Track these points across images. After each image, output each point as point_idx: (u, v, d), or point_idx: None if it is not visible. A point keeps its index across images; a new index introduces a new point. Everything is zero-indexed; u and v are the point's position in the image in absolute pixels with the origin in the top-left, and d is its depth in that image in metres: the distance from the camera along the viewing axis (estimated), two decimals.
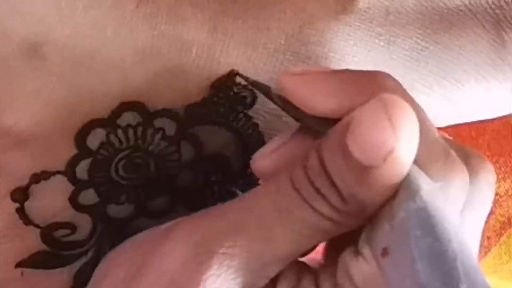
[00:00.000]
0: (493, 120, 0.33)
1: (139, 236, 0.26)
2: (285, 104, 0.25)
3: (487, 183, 0.24)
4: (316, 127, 0.24)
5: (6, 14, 0.23)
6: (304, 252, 0.24)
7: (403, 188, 0.21)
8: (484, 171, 0.24)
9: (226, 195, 0.29)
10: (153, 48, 0.25)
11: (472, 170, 0.24)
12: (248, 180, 0.29)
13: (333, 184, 0.22)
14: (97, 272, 0.26)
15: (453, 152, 0.23)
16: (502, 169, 0.41)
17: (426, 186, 0.21)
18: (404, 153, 0.21)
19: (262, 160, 0.25)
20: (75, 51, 0.25)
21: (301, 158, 0.23)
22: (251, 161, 0.26)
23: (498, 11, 0.29)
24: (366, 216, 0.22)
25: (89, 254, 0.28)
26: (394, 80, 0.23)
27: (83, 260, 0.28)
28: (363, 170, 0.21)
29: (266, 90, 0.26)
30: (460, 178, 0.23)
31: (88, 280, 0.28)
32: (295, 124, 0.28)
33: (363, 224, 0.23)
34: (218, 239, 0.22)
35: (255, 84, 0.27)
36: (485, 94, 0.30)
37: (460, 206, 0.23)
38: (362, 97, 0.22)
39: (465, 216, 0.24)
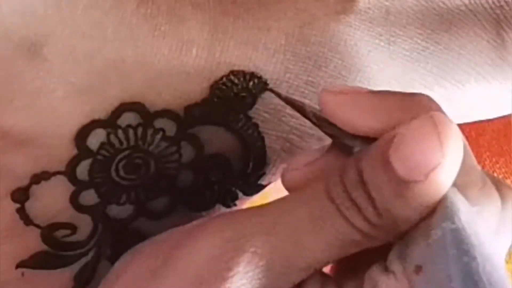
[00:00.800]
0: (493, 120, 0.33)
1: (163, 234, 0.26)
2: (321, 121, 0.25)
3: None
4: (354, 145, 0.24)
5: (7, 15, 0.23)
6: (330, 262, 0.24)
7: (442, 208, 0.21)
8: None
9: (226, 195, 0.29)
10: (153, 48, 0.25)
11: (504, 198, 0.24)
12: (248, 181, 0.29)
13: (369, 196, 0.22)
14: (117, 264, 0.26)
15: (489, 180, 0.24)
16: (503, 169, 0.41)
17: (464, 208, 0.21)
18: (446, 171, 0.21)
19: (295, 173, 0.25)
20: (76, 52, 0.25)
21: (338, 169, 0.23)
22: (282, 172, 0.26)
23: (498, 11, 0.29)
24: (397, 232, 0.22)
25: (90, 255, 0.28)
26: (436, 103, 0.24)
27: (83, 260, 0.28)
28: (403, 185, 0.21)
29: (300, 107, 0.26)
30: (494, 204, 0.23)
31: (89, 280, 0.28)
32: (294, 124, 0.28)
33: (389, 242, 0.23)
34: (250, 237, 0.22)
35: (289, 101, 0.26)
36: (485, 94, 0.30)
37: (493, 230, 0.24)
38: (406, 116, 0.22)
39: (496, 239, 0.24)
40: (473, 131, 0.40)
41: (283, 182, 0.26)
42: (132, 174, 0.27)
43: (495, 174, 0.41)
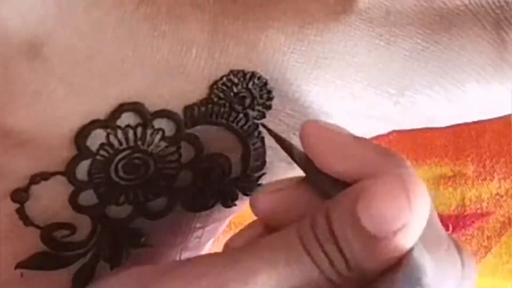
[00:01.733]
0: (493, 120, 0.33)
1: (129, 272, 0.25)
2: (304, 162, 0.25)
3: (472, 279, 0.25)
4: (330, 190, 0.24)
5: (7, 15, 0.23)
6: None
7: (408, 269, 0.22)
8: (472, 266, 0.25)
9: (226, 196, 0.29)
10: (153, 48, 0.25)
11: (463, 263, 0.24)
12: (248, 181, 0.29)
13: (340, 251, 0.22)
14: None
15: (452, 243, 0.24)
16: (503, 169, 0.41)
17: (430, 271, 0.22)
18: (415, 229, 0.22)
19: (262, 197, 0.26)
20: (75, 52, 0.25)
21: (309, 216, 0.23)
22: (250, 197, 0.26)
23: (498, 11, 0.29)
24: (365, 282, 0.23)
25: (89, 255, 0.28)
26: (408, 163, 0.24)
27: (82, 261, 0.28)
28: (372, 241, 0.22)
29: (288, 147, 0.26)
30: (456, 268, 0.24)
31: (87, 281, 0.28)
32: (294, 124, 0.28)
33: None
34: (229, 286, 0.22)
35: (278, 139, 0.27)
36: (485, 94, 0.30)
37: None
38: (380, 169, 0.23)
39: None
40: (473, 131, 0.40)
41: (251, 205, 0.26)
42: (132, 174, 0.27)
43: (495, 175, 0.41)
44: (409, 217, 0.21)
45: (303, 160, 0.25)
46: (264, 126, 0.28)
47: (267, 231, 0.26)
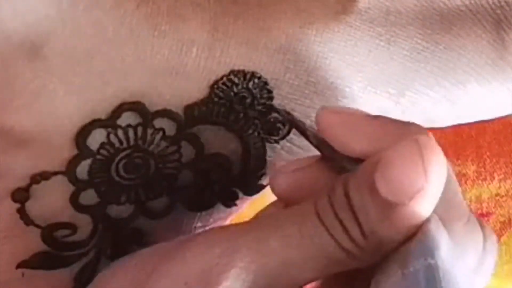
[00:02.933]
0: (493, 120, 0.33)
1: (148, 248, 0.26)
2: (320, 143, 0.25)
3: (494, 254, 0.25)
4: (351, 169, 0.24)
5: (7, 14, 0.23)
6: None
7: (423, 239, 0.22)
8: (493, 242, 0.25)
9: (226, 195, 0.29)
10: (153, 48, 0.25)
11: (486, 239, 0.24)
12: (248, 180, 0.29)
13: (356, 218, 0.22)
14: (99, 276, 0.26)
15: (473, 216, 0.24)
16: (503, 169, 0.41)
17: (445, 245, 0.22)
18: (430, 195, 0.22)
19: (282, 177, 0.26)
20: (76, 52, 0.25)
21: (327, 188, 0.23)
22: (269, 175, 0.26)
23: (498, 11, 0.29)
24: (383, 253, 0.22)
25: (90, 255, 0.28)
26: (425, 129, 0.24)
27: (84, 260, 0.28)
28: (388, 207, 0.21)
29: (301, 127, 0.27)
30: (476, 243, 0.24)
31: (89, 281, 0.28)
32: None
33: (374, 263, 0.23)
34: (240, 253, 0.23)
35: (291, 120, 0.27)
36: (485, 94, 0.30)
37: (471, 270, 0.24)
38: (398, 138, 0.23)
39: (473, 280, 0.24)
40: (473, 132, 0.40)
41: (271, 184, 0.26)
42: (132, 174, 0.27)
43: (496, 175, 0.41)
44: (424, 182, 0.21)
45: (319, 142, 0.25)
46: (275, 108, 0.28)
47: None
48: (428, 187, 0.21)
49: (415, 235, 0.22)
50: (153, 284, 0.23)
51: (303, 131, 0.26)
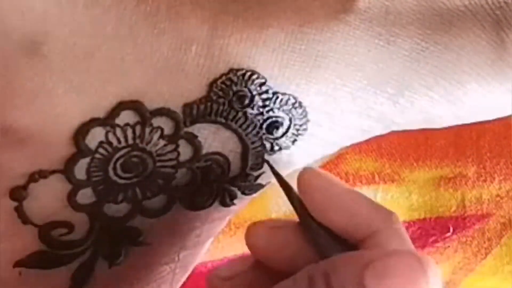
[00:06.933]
0: (494, 121, 0.33)
1: None
2: (302, 209, 0.25)
3: None
4: (320, 238, 0.25)
5: (7, 12, 0.23)
6: None
7: None
8: None
9: (224, 194, 0.29)
10: (152, 46, 0.25)
11: None
12: (247, 180, 0.29)
13: None
14: None
15: None
16: (503, 170, 0.41)
17: None
18: None
19: (259, 230, 0.26)
20: (75, 50, 0.25)
21: (305, 275, 0.23)
22: (247, 228, 0.26)
23: (498, 12, 0.29)
24: None
25: (87, 254, 0.28)
26: (397, 223, 0.25)
27: (80, 259, 0.28)
28: None
29: (288, 189, 0.27)
30: None
31: (86, 279, 0.28)
32: None
33: None
34: None
35: (279, 179, 0.27)
36: (485, 95, 0.30)
37: None
38: (369, 225, 0.24)
39: None
40: (473, 132, 0.40)
41: (246, 235, 0.26)
42: (130, 173, 0.27)
43: (496, 176, 0.41)
44: None
45: (299, 205, 0.26)
46: (267, 162, 0.28)
47: (256, 267, 0.26)
48: None
49: None
50: None
51: (288, 191, 0.26)
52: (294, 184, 0.26)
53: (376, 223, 0.24)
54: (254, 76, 0.27)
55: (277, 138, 0.29)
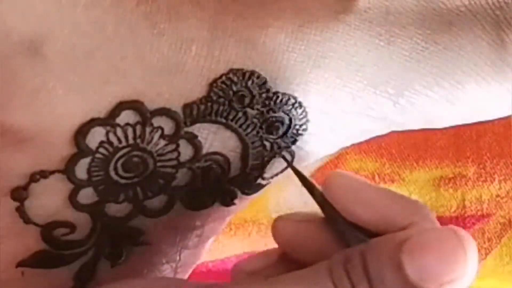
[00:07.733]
0: (494, 121, 0.33)
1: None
2: (324, 203, 0.26)
3: None
4: (347, 232, 0.25)
5: (6, 12, 0.23)
6: None
7: None
8: None
9: (225, 194, 0.29)
10: (152, 46, 0.25)
11: None
12: (247, 180, 0.29)
13: (371, 287, 0.22)
14: None
15: None
16: (503, 170, 0.40)
17: None
18: (464, 283, 0.22)
19: (288, 223, 0.26)
20: (75, 50, 0.25)
21: (341, 252, 0.23)
22: (274, 221, 0.27)
23: (498, 12, 0.29)
24: None
25: (89, 254, 0.28)
26: (432, 215, 0.25)
27: (83, 259, 0.28)
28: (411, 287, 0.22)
29: (310, 186, 0.27)
30: None
31: (88, 279, 0.28)
32: None
33: None
34: None
35: (301, 178, 0.27)
36: (485, 95, 0.30)
37: None
38: (403, 219, 0.24)
39: None
40: (473, 133, 0.40)
41: (273, 227, 0.26)
42: (131, 173, 0.27)
43: (496, 176, 0.41)
44: (462, 274, 0.22)
45: (324, 202, 0.26)
46: (285, 159, 0.28)
47: (282, 260, 0.26)
48: (465, 276, 0.22)
49: None
50: None
51: (311, 188, 0.27)
52: (293, 184, 0.26)
53: (411, 216, 0.24)
54: (254, 76, 0.27)
55: (277, 138, 0.29)
